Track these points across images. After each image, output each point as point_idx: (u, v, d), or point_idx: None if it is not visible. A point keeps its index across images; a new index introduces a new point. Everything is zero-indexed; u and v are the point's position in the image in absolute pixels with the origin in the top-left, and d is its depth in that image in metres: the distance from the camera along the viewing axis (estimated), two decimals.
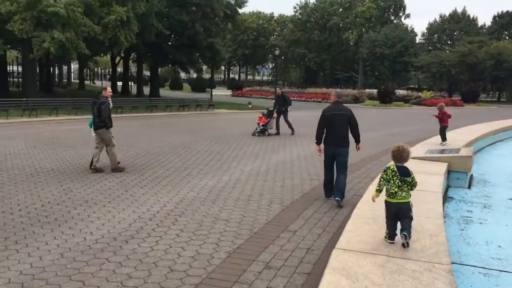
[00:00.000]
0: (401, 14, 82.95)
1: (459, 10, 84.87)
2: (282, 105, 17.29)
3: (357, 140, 7.68)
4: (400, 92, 54.11)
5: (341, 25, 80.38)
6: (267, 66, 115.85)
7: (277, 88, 19.53)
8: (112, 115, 9.83)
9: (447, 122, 11.88)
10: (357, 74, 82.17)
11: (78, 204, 7.00)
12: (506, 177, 10.05)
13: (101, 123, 9.23)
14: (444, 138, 11.71)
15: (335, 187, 7.47)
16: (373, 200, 4.58)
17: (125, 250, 5.14)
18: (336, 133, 7.39)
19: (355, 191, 8.33)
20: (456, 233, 6.08)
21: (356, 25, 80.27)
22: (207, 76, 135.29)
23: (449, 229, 6.20)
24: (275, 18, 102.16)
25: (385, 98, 44.63)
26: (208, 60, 39.35)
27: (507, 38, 75.18)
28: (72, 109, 22.72)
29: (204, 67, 57.54)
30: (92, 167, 9.38)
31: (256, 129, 16.79)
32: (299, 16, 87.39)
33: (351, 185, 8.83)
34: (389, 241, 4.21)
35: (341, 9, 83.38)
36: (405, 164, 4.35)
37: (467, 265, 4.91)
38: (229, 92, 66.42)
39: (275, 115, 17.19)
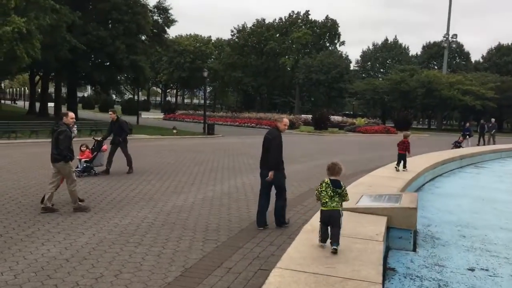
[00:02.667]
0: (336, 41, 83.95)
1: (391, 39, 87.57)
2: (119, 134, 12.84)
3: (270, 167, 7.34)
4: (335, 118, 53.50)
5: (277, 50, 79.88)
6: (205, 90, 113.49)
7: (111, 112, 13.63)
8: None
9: (404, 150, 12.20)
10: (294, 99, 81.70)
11: None
12: (455, 229, 8.03)
13: (59, 156, 8.12)
14: (403, 165, 11.94)
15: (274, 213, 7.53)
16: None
17: None
18: (264, 155, 7.47)
19: (261, 260, 5.87)
20: None
21: (293, 50, 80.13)
22: (143, 98, 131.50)
23: None
24: (212, 41, 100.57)
25: (320, 124, 43.42)
26: (132, 81, 36.15)
27: (435, 67, 77.80)
28: None
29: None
30: (43, 206, 8.00)
31: (77, 167, 11.66)
32: (236, 40, 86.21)
33: (261, 248, 6.41)
34: (321, 243, 4.63)
35: (277, 35, 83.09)
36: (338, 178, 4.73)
37: None
38: (162, 116, 63.20)
39: (105, 146, 12.64)
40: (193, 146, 22.71)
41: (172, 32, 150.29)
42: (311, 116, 48.58)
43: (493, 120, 32.29)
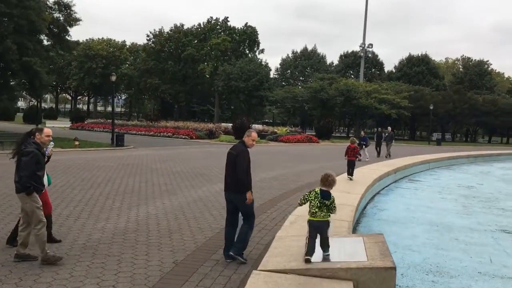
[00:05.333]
0: (255, 48, 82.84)
1: (310, 47, 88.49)
2: None
3: (241, 188, 6.28)
4: (256, 126, 51.89)
5: (196, 56, 77.01)
6: (119, 97, 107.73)
7: None
8: None
9: (353, 156, 12.49)
10: (213, 107, 79.28)
11: None
12: (428, 279, 6.04)
13: (18, 184, 5.78)
14: (351, 174, 12.23)
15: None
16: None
17: None
18: (226, 174, 6.65)
19: None
20: None
21: (212, 57, 77.74)
22: (51, 105, 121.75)
23: None
24: (127, 46, 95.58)
25: (241, 133, 41.22)
26: (27, 86, 31.54)
27: (352, 76, 79.45)
28: None
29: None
30: (16, 253, 5.89)
31: None
32: (153, 45, 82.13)
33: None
34: (307, 256, 4.47)
35: (196, 41, 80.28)
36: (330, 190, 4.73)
37: None
38: (69, 124, 57.85)
39: None
40: (94, 161, 19.47)
41: (83, 35, 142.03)
42: (232, 124, 46.41)
43: (389, 128, 31.98)
